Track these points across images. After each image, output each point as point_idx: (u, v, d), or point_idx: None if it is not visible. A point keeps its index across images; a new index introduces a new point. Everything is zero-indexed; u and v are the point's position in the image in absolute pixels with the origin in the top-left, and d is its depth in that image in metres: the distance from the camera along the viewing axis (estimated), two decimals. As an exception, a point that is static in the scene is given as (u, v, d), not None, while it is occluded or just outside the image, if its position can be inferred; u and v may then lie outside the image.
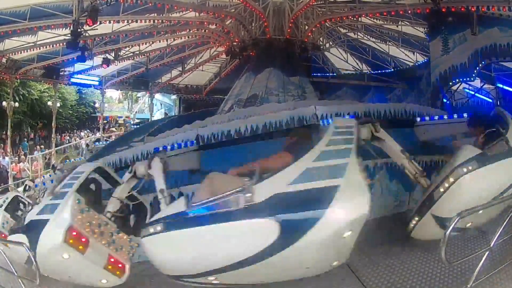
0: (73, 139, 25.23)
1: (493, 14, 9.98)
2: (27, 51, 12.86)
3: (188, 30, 13.75)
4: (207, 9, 12.51)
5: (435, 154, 6.13)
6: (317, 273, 3.21)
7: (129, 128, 22.13)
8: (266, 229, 2.63)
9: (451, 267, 3.51)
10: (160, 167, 3.58)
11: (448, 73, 11.35)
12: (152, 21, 12.33)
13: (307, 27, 13.05)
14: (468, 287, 2.98)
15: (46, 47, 12.95)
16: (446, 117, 7.34)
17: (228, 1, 12.62)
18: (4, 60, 13.27)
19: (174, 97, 23.27)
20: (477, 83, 13.28)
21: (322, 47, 15.48)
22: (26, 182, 8.68)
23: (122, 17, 11.35)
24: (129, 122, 28.89)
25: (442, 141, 6.79)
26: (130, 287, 3.90)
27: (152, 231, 2.95)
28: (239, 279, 3.03)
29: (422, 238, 4.12)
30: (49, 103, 20.14)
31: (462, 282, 3.27)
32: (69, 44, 10.21)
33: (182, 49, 16.25)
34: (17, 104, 18.70)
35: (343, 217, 2.64)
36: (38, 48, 12.79)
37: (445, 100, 12.38)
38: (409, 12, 11.25)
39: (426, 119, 7.31)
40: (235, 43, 13.21)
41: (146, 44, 14.73)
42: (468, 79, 11.69)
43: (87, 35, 10.81)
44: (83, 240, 3.48)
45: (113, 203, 4.10)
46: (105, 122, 25.76)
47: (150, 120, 19.86)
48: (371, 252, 4.17)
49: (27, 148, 20.56)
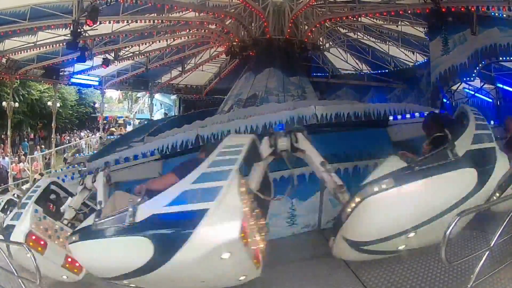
0: (73, 139, 25.24)
1: (493, 14, 9.98)
2: (27, 51, 12.83)
3: (188, 30, 13.73)
4: (207, 9, 12.51)
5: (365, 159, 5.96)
6: (223, 286, 3.31)
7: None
8: (142, 246, 2.83)
9: (451, 267, 3.51)
10: (103, 181, 4.09)
11: (448, 73, 11.34)
12: (152, 21, 12.31)
13: (307, 27, 13.04)
14: (468, 287, 2.98)
15: (46, 47, 12.93)
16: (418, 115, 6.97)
17: (228, 1, 12.61)
18: (4, 60, 13.27)
19: (174, 97, 23.21)
20: (477, 83, 13.29)
21: (322, 47, 15.46)
22: (35, 176, 9.37)
23: (122, 17, 11.34)
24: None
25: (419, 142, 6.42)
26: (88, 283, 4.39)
27: (73, 239, 3.34)
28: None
29: (343, 258, 3.93)
30: (49, 103, 20.15)
31: (462, 282, 3.28)
32: (69, 45, 10.19)
33: (182, 49, 16.24)
34: (17, 104, 18.72)
35: (211, 239, 2.74)
36: (38, 48, 12.77)
37: (445, 100, 12.38)
38: (409, 12, 11.24)
39: (399, 118, 7.02)
40: (235, 43, 13.19)
41: (146, 44, 14.71)
42: (468, 79, 11.69)
43: (87, 35, 10.80)
44: (41, 243, 4.17)
45: (69, 211, 4.70)
46: (104, 122, 25.75)
47: (150, 120, 19.86)
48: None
49: (27, 148, 20.58)
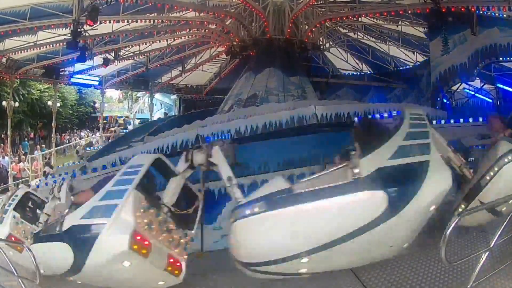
0: (73, 138, 25.25)
1: (493, 14, 9.98)
2: (27, 51, 12.85)
3: (188, 30, 13.74)
4: (207, 9, 12.51)
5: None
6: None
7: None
8: (66, 251, 3.13)
9: (451, 267, 3.51)
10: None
11: (448, 73, 11.35)
12: (152, 21, 12.31)
13: (307, 27, 13.05)
14: (468, 287, 2.98)
15: (46, 47, 12.94)
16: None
17: (228, 1, 12.61)
18: (4, 59, 13.27)
19: (174, 97, 23.23)
20: (477, 83, 13.29)
21: (322, 47, 15.47)
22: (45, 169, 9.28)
23: (122, 17, 11.34)
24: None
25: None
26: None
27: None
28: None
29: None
30: (49, 102, 20.15)
31: (462, 282, 3.27)
32: (69, 44, 10.18)
33: (182, 49, 16.25)
34: (17, 103, 18.72)
35: (108, 250, 2.98)
36: (38, 48, 12.78)
37: (445, 100, 12.38)
38: (409, 12, 11.25)
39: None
40: (235, 43, 13.21)
41: (146, 44, 14.71)
42: (468, 79, 11.69)
43: (87, 35, 10.80)
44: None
45: (42, 216, 3.97)
46: (104, 122, 25.76)
47: (150, 120, 19.88)
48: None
49: (27, 147, 20.58)
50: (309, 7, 12.33)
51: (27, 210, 5.16)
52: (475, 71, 10.92)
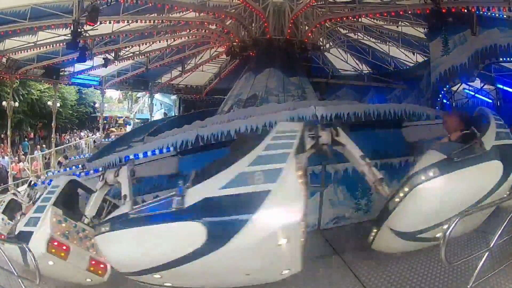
0: (73, 139, 25.25)
1: (493, 14, 9.98)
2: (27, 51, 12.82)
3: (188, 30, 13.73)
4: (207, 9, 12.50)
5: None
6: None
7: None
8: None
9: (451, 267, 3.51)
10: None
11: (448, 74, 11.35)
12: (152, 21, 12.29)
13: (307, 27, 13.05)
14: (468, 287, 2.98)
15: (46, 47, 12.91)
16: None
17: (228, 1, 12.62)
18: (4, 59, 13.27)
19: (174, 97, 23.22)
20: (477, 83, 13.31)
21: (322, 47, 15.46)
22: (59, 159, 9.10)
23: (122, 17, 11.33)
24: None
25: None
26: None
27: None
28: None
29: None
30: (49, 102, 20.16)
31: (462, 282, 3.28)
32: (69, 45, 10.17)
33: (182, 49, 16.23)
34: (17, 103, 18.73)
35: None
36: (38, 48, 12.75)
37: (445, 101, 12.39)
38: (409, 12, 11.24)
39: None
40: (235, 43, 13.20)
41: (146, 44, 14.70)
42: (468, 79, 11.69)
43: (87, 35, 10.80)
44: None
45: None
46: (104, 122, 25.77)
47: (149, 120, 19.89)
48: (370, 252, 4.17)
49: (27, 147, 20.60)
50: (309, 8, 12.32)
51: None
52: (475, 71, 10.91)
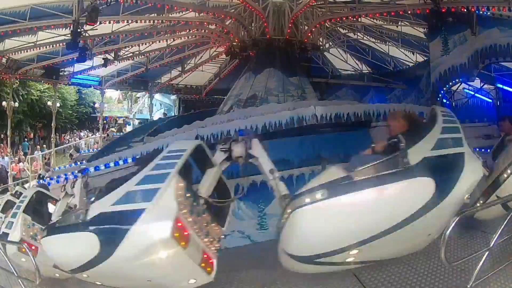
0: (73, 139, 25.24)
1: (493, 14, 9.97)
2: (27, 51, 12.81)
3: (188, 30, 13.71)
4: (207, 9, 12.51)
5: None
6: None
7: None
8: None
9: (451, 267, 3.51)
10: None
11: (448, 74, 11.34)
12: (152, 21, 12.31)
13: (306, 27, 13.04)
14: (468, 287, 2.98)
15: (46, 47, 12.91)
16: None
17: (228, 1, 12.62)
18: (4, 60, 13.25)
19: (173, 97, 23.25)
20: (477, 83, 13.30)
21: (321, 47, 15.46)
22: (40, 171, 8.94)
23: (122, 17, 11.33)
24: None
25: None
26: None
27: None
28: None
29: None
30: (49, 103, 20.14)
31: (462, 282, 3.28)
32: (69, 45, 10.15)
33: (182, 49, 16.22)
34: (17, 104, 18.72)
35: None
36: (38, 48, 12.74)
37: (444, 101, 12.38)
38: (409, 12, 11.24)
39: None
40: (235, 43, 13.20)
41: (146, 44, 14.70)
42: (468, 79, 11.69)
43: (87, 35, 10.80)
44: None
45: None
46: (104, 122, 25.77)
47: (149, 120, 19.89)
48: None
49: (27, 148, 20.59)
50: (309, 8, 12.32)
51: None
52: (475, 71, 10.92)
